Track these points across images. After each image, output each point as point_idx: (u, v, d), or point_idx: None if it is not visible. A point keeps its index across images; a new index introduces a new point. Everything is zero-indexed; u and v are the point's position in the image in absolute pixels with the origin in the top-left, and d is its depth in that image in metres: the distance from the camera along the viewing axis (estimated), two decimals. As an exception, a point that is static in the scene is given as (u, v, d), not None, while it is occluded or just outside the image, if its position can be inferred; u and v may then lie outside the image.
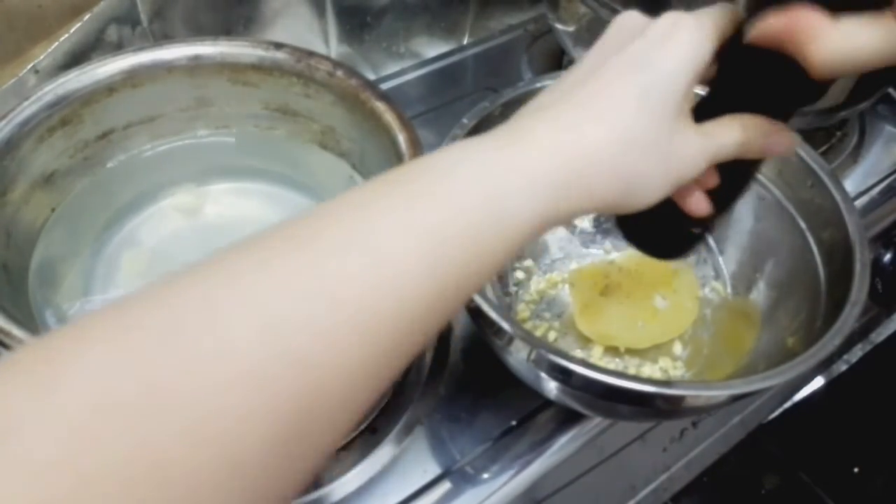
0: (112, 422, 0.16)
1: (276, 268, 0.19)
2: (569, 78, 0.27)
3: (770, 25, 0.26)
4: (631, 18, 0.28)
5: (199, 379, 0.17)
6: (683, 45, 0.26)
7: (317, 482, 0.44)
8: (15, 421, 0.15)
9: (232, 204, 0.52)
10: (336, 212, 0.21)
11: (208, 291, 0.18)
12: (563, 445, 0.47)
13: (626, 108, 0.25)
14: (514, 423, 0.48)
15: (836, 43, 0.24)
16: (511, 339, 0.38)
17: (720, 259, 0.52)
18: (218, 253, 0.19)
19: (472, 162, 0.23)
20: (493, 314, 0.37)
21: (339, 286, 0.19)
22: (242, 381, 0.17)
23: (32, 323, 0.41)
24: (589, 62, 0.27)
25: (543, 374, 0.38)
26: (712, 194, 0.31)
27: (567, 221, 0.25)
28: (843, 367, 0.97)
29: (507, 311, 0.50)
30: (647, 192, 0.26)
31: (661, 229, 0.34)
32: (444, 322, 0.22)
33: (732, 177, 0.31)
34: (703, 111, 0.29)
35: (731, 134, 0.28)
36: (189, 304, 0.18)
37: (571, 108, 0.25)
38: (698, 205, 0.31)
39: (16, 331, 0.35)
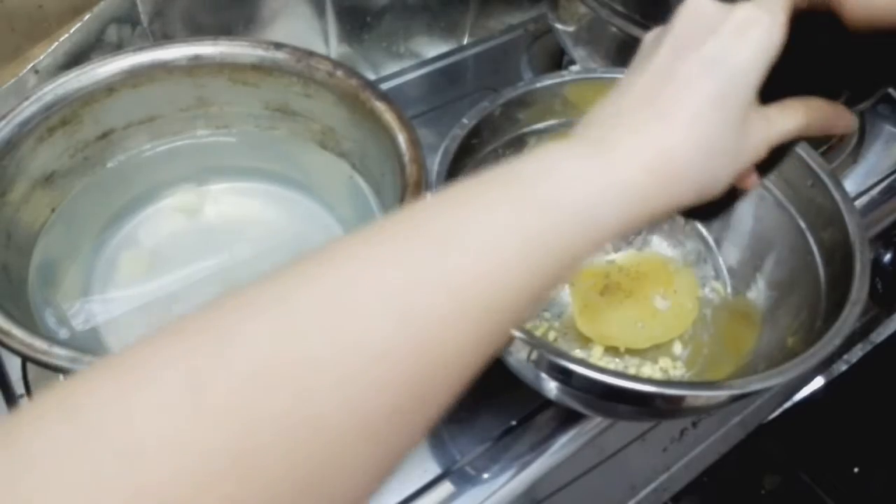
0: (276, 378, 0.18)
1: (404, 261, 0.21)
2: (645, 76, 0.27)
3: None
4: (702, 6, 0.28)
5: (347, 358, 0.19)
6: (757, 41, 0.26)
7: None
8: (202, 371, 0.17)
9: (232, 204, 0.52)
10: (447, 206, 0.23)
11: (354, 276, 0.20)
12: (563, 445, 0.47)
13: (704, 115, 0.26)
14: (514, 423, 0.48)
15: None
16: (511, 339, 0.38)
17: (720, 259, 0.52)
18: (349, 239, 0.22)
19: (567, 172, 0.24)
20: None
21: (456, 279, 0.21)
22: (381, 360, 0.19)
23: (32, 323, 0.41)
24: (663, 58, 0.27)
25: (543, 374, 0.38)
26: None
27: (644, 224, 0.27)
28: (843, 367, 0.97)
29: (507, 311, 0.49)
30: (717, 190, 0.27)
31: None
32: (532, 313, 0.25)
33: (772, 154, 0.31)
34: (765, 93, 0.29)
35: (795, 120, 0.29)
36: (338, 287, 0.20)
37: (653, 118, 0.26)
38: (753, 180, 0.31)
39: (16, 331, 0.35)
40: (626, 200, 0.25)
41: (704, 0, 0.28)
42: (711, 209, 0.36)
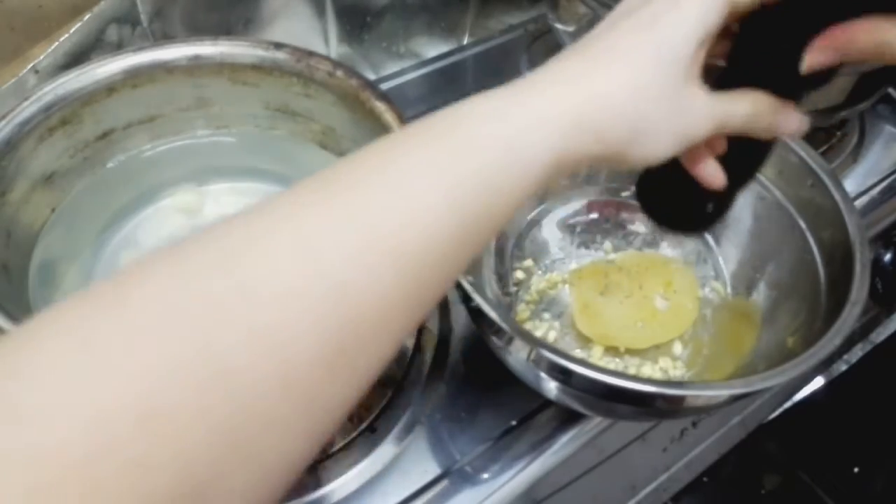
0: (177, 328, 0.17)
1: (312, 204, 0.21)
2: (584, 38, 0.28)
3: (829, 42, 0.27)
4: None
5: (251, 295, 0.18)
6: (692, 7, 0.27)
7: (317, 482, 0.44)
8: (98, 329, 0.17)
9: (232, 204, 0.52)
10: (366, 156, 0.23)
11: (253, 227, 0.20)
12: (563, 445, 0.47)
13: (635, 60, 0.26)
14: (514, 423, 0.48)
15: None
16: (511, 339, 0.38)
17: (720, 259, 0.52)
18: (268, 198, 0.22)
19: (488, 107, 0.25)
20: (493, 314, 0.37)
21: (369, 217, 0.21)
22: (289, 298, 0.19)
23: (32, 323, 0.41)
24: (602, 25, 0.28)
25: (543, 374, 0.38)
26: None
27: (575, 168, 0.27)
28: (843, 367, 0.97)
29: (507, 311, 0.50)
30: (655, 143, 0.27)
31: (676, 200, 0.35)
32: (469, 258, 0.24)
33: (743, 157, 0.33)
34: (720, 84, 0.30)
35: (742, 104, 0.29)
36: (237, 235, 0.20)
37: (583, 60, 0.27)
38: (712, 174, 0.32)
39: (16, 331, 0.35)
40: (552, 132, 0.25)
41: None
42: (698, 220, 0.37)
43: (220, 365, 0.17)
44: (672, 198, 0.36)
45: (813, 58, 0.28)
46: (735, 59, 0.30)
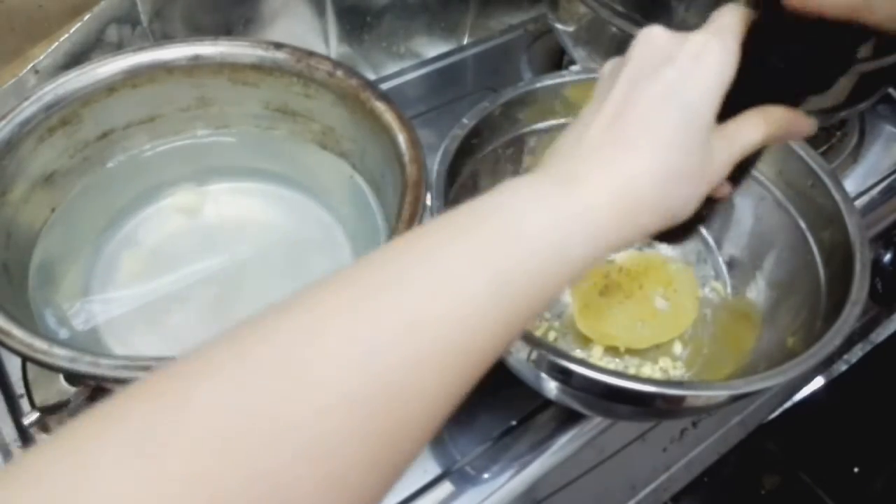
0: (238, 444, 0.18)
1: (365, 305, 0.21)
2: (606, 107, 0.28)
3: None
4: (657, 38, 0.28)
5: (301, 406, 0.19)
6: (713, 68, 0.27)
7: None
8: (159, 434, 0.17)
9: (232, 204, 0.52)
10: (415, 251, 0.23)
11: (308, 325, 0.20)
12: (563, 445, 0.47)
13: (666, 142, 0.26)
14: (514, 423, 0.48)
15: None
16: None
17: (720, 259, 0.52)
18: (312, 288, 0.21)
19: (538, 207, 0.25)
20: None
21: (421, 322, 0.21)
22: (339, 406, 0.19)
23: (32, 323, 0.41)
24: (623, 89, 0.28)
25: (543, 374, 0.38)
26: None
27: (613, 254, 0.27)
28: (843, 367, 0.97)
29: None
30: (685, 213, 0.28)
31: None
32: (509, 345, 0.24)
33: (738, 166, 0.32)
34: (726, 105, 0.29)
35: (756, 131, 0.29)
36: (293, 337, 0.20)
37: (617, 148, 0.26)
38: (724, 190, 0.32)
39: (16, 331, 0.35)
40: (594, 231, 0.25)
41: (658, 30, 0.28)
42: (678, 232, 0.37)
43: (272, 478, 0.18)
44: None
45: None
46: (739, 77, 0.30)
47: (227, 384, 0.19)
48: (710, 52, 0.27)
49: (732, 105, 0.29)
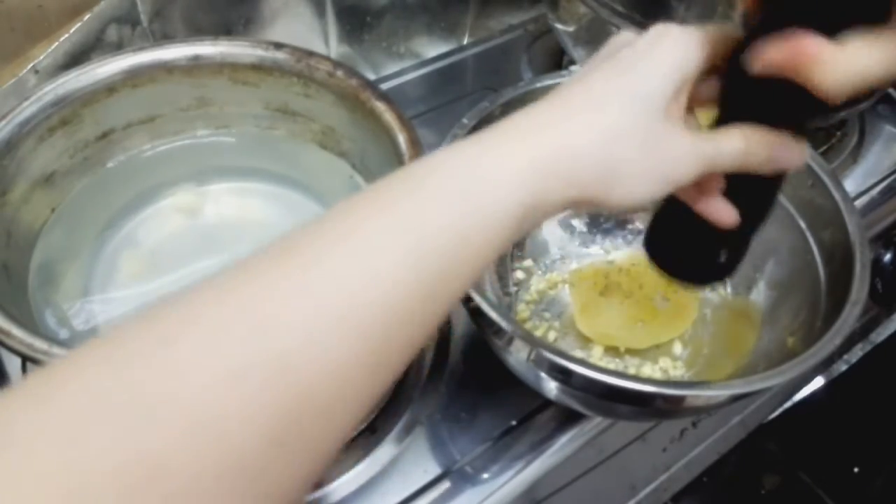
0: (107, 428, 0.16)
1: (264, 275, 0.20)
2: (566, 82, 0.28)
3: (772, 58, 0.25)
4: (624, 35, 0.29)
5: (186, 380, 0.17)
6: (667, 50, 0.27)
7: (317, 482, 0.44)
8: (16, 433, 0.16)
9: (232, 204, 0.52)
10: (325, 220, 0.22)
11: (196, 305, 0.19)
12: (563, 445, 0.47)
13: (609, 106, 0.26)
14: (514, 423, 0.48)
15: (844, 67, 0.24)
16: (511, 339, 0.38)
17: (720, 259, 0.52)
18: (214, 273, 0.20)
19: (454, 159, 0.24)
20: (493, 314, 0.37)
21: (324, 288, 0.20)
22: (228, 380, 0.18)
23: (32, 323, 0.41)
24: (580, 72, 0.29)
25: (543, 374, 0.38)
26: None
27: (552, 214, 0.26)
28: (843, 367, 0.97)
29: (507, 311, 0.50)
30: (631, 186, 0.26)
31: (687, 248, 0.34)
32: (439, 317, 0.23)
33: (750, 196, 0.31)
34: (717, 123, 0.29)
35: (731, 141, 0.28)
36: (175, 316, 0.19)
37: (555, 107, 0.26)
38: (720, 210, 0.30)
39: (16, 331, 0.35)
40: (520, 182, 0.24)
41: (628, 32, 0.29)
42: (704, 271, 0.35)
43: (153, 461, 0.16)
44: (682, 247, 0.34)
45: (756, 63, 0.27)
46: (725, 101, 0.30)
47: (93, 375, 0.17)
48: (666, 37, 0.27)
49: (723, 121, 0.29)
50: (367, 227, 0.22)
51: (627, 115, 0.26)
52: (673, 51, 0.27)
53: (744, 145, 0.28)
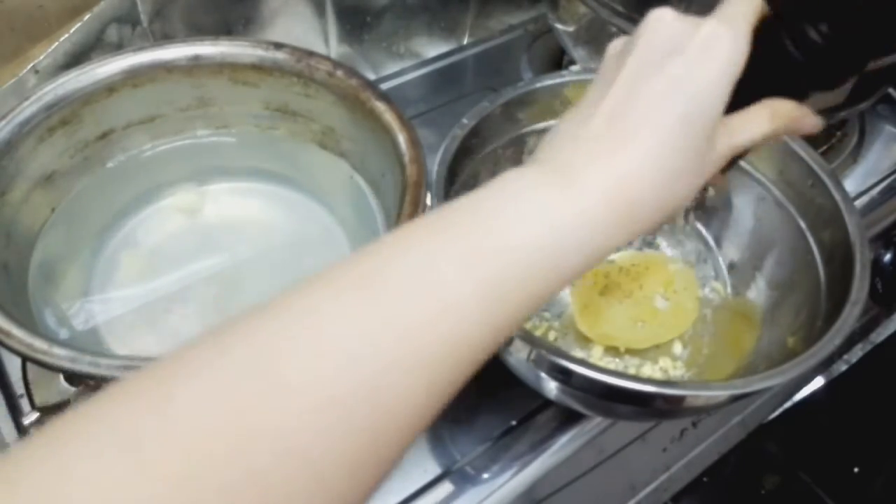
0: (222, 445, 0.18)
1: (348, 304, 0.20)
2: (608, 97, 0.26)
3: None
4: (665, 24, 0.26)
5: (287, 407, 0.18)
6: (723, 60, 0.25)
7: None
8: (142, 433, 0.17)
9: (232, 204, 0.52)
10: (400, 249, 0.22)
11: (291, 325, 0.20)
12: (563, 445, 0.47)
13: (668, 139, 0.25)
14: (514, 423, 0.48)
15: None
16: (511, 339, 0.38)
17: (720, 259, 0.52)
18: (296, 286, 0.21)
19: (528, 203, 0.23)
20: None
21: (406, 324, 0.20)
22: (325, 409, 0.19)
23: (32, 323, 0.41)
24: (626, 78, 0.26)
25: (543, 374, 0.38)
26: None
27: (609, 255, 0.26)
28: (843, 367, 0.97)
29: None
30: (681, 208, 0.27)
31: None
32: (497, 349, 0.24)
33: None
34: (735, 95, 0.28)
35: (763, 125, 0.28)
36: (274, 339, 0.20)
37: (616, 144, 0.25)
38: (716, 179, 0.30)
39: (16, 331, 0.35)
40: (589, 233, 0.24)
41: (667, 14, 0.27)
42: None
43: (248, 466, 0.18)
44: None
45: None
46: (749, 67, 0.28)
47: (208, 385, 0.18)
48: (720, 43, 0.25)
49: (740, 96, 0.27)
50: (441, 260, 0.22)
51: (687, 148, 0.25)
52: (729, 58, 0.26)
53: (773, 124, 0.28)
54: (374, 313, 0.20)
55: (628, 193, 0.24)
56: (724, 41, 0.25)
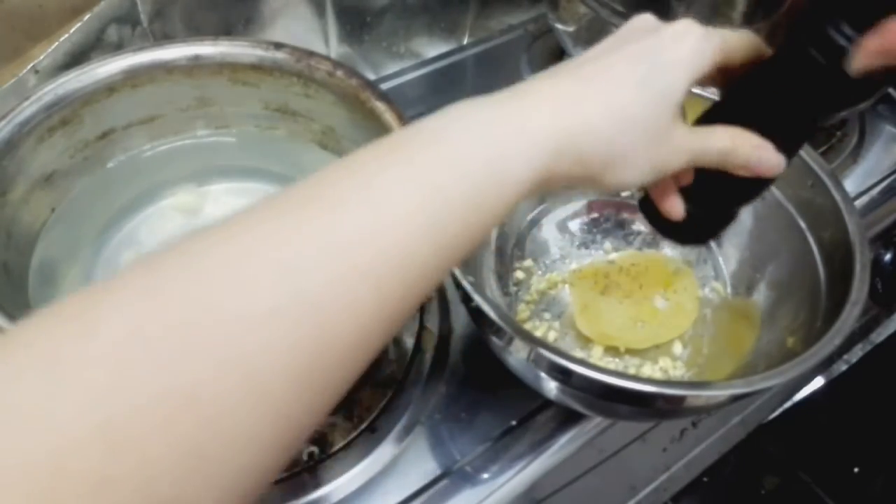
0: (150, 356, 0.17)
1: (290, 219, 0.21)
2: (579, 57, 0.29)
3: (880, 42, 0.26)
4: (646, 20, 0.30)
5: (223, 315, 0.18)
6: (688, 47, 0.28)
7: (317, 482, 0.44)
8: (63, 353, 0.17)
9: (232, 204, 0.52)
10: (346, 170, 0.23)
11: (228, 241, 0.20)
12: (563, 445, 0.47)
13: (626, 89, 0.27)
14: (514, 423, 0.48)
15: None
16: (511, 339, 0.38)
17: (720, 259, 0.52)
18: (243, 210, 0.21)
19: (474, 121, 0.24)
20: (492, 314, 0.37)
21: (349, 237, 0.20)
22: (263, 318, 0.19)
23: (32, 323, 0.41)
24: (601, 48, 0.29)
25: (543, 374, 0.38)
26: (714, 197, 0.33)
27: (554, 187, 0.27)
28: (843, 367, 0.97)
29: (507, 311, 0.50)
30: (630, 170, 0.28)
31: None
32: (447, 271, 0.24)
33: (726, 189, 0.33)
34: (708, 116, 0.31)
35: (720, 140, 0.30)
36: (210, 252, 0.20)
37: (575, 81, 0.27)
38: (674, 207, 0.33)
39: (16, 331, 0.35)
40: (537, 153, 0.25)
41: (650, 16, 0.30)
42: (687, 235, 0.37)
43: (188, 390, 0.17)
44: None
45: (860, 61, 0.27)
46: (728, 97, 0.31)
47: (137, 293, 0.18)
48: (689, 34, 0.28)
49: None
50: (385, 177, 0.22)
51: (644, 104, 0.27)
52: (696, 49, 0.28)
53: (730, 145, 0.29)
54: (316, 229, 0.20)
55: (575, 122, 0.26)
56: (695, 34, 0.28)
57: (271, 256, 0.20)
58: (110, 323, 0.18)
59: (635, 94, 0.27)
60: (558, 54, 0.73)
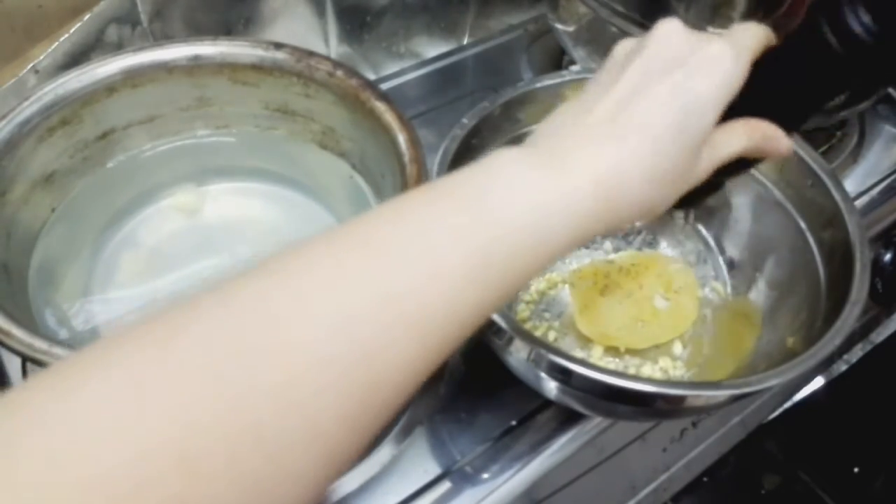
0: (216, 379, 0.18)
1: (346, 268, 0.21)
2: (611, 93, 0.28)
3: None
4: (675, 35, 0.28)
5: (290, 358, 0.19)
6: (722, 79, 0.27)
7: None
8: (146, 378, 0.18)
9: (232, 204, 0.52)
10: (396, 216, 0.23)
11: (290, 283, 0.21)
12: (563, 445, 0.47)
13: (662, 144, 0.26)
14: (514, 423, 0.48)
15: None
16: (511, 339, 0.38)
17: (720, 259, 0.52)
18: (296, 247, 0.22)
19: (519, 184, 0.25)
20: (492, 314, 0.37)
21: (400, 288, 0.21)
22: (323, 364, 0.20)
23: (32, 323, 0.41)
24: (631, 78, 0.28)
25: (543, 374, 0.38)
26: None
27: (591, 240, 0.27)
28: (843, 367, 0.97)
29: (507, 311, 0.50)
30: (658, 213, 0.28)
31: None
32: (484, 319, 0.25)
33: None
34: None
35: (739, 142, 0.29)
36: (282, 291, 0.21)
37: (612, 137, 0.26)
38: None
39: (16, 331, 0.35)
40: (575, 215, 0.25)
41: (678, 26, 0.28)
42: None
43: (255, 429, 0.18)
44: None
45: None
46: (742, 90, 0.31)
47: (213, 329, 0.19)
48: (722, 64, 0.27)
49: (727, 113, 0.29)
50: (437, 237, 0.23)
51: (678, 153, 0.27)
52: (726, 80, 0.27)
53: (747, 142, 0.30)
54: (368, 277, 0.21)
55: (615, 187, 0.26)
56: (726, 61, 0.27)
57: (333, 302, 0.21)
58: (187, 340, 0.19)
59: (671, 148, 0.27)
60: (558, 54, 0.73)
